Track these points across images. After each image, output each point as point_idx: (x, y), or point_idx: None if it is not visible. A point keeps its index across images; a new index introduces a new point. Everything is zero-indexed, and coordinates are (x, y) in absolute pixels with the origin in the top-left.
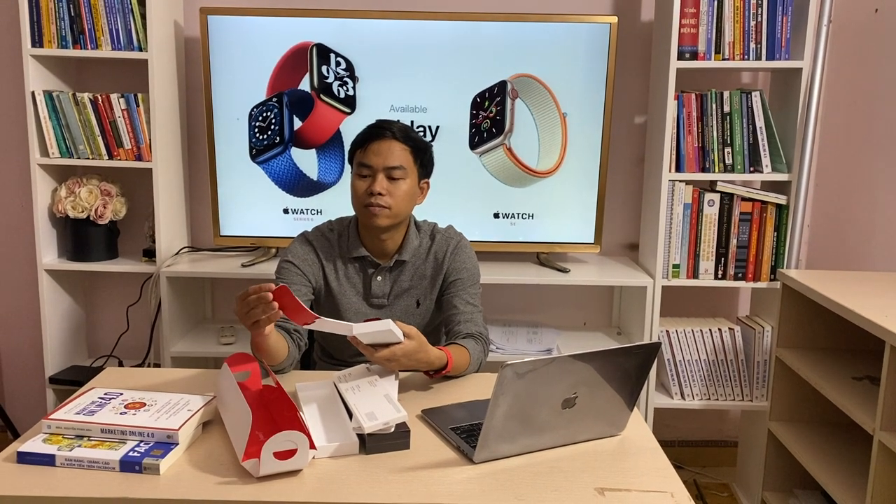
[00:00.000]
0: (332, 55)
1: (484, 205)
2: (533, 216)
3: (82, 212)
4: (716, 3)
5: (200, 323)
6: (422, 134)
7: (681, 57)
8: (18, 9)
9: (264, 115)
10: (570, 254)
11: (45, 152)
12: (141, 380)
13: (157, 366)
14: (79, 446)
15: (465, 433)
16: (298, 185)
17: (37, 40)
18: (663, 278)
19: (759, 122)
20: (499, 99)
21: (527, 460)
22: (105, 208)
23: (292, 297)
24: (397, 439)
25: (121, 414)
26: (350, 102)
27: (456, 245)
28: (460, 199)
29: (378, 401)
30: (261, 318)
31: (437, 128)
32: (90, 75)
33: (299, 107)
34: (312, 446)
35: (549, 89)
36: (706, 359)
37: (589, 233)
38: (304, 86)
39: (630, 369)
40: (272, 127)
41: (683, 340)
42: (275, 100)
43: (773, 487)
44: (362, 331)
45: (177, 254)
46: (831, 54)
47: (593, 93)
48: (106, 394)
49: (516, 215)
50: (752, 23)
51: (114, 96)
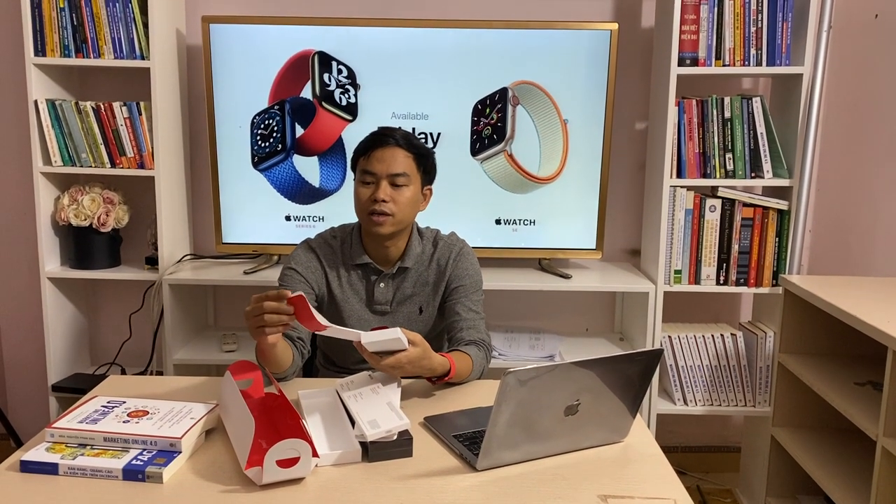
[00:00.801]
0: (334, 63)
1: (485, 211)
2: (534, 222)
3: (85, 220)
4: (716, 9)
5: (203, 330)
6: (423, 141)
7: (681, 63)
8: (21, 18)
9: (266, 122)
10: (572, 260)
11: (47, 160)
12: (144, 388)
13: (160, 373)
14: (82, 455)
15: (468, 441)
16: (300, 192)
17: (40, 49)
18: (665, 284)
19: (760, 128)
20: (500, 106)
21: (529, 468)
22: (107, 216)
23: (307, 305)
24: (400, 447)
25: (124, 422)
26: (352, 110)
27: (458, 252)
28: (462, 205)
29: (380, 408)
30: (270, 325)
31: (439, 135)
32: (93, 84)
33: (301, 114)
34: (315, 454)
35: (550, 96)
36: (709, 364)
37: (590, 239)
38: (306, 93)
39: (632, 376)
40: (274, 134)
41: (686, 346)
42: (277, 107)
43: (776, 493)
44: (371, 339)
45: (179, 261)
46: (832, 60)
47: (594, 99)
48: (109, 402)
49: (518, 221)
50: (753, 29)
51: (116, 105)
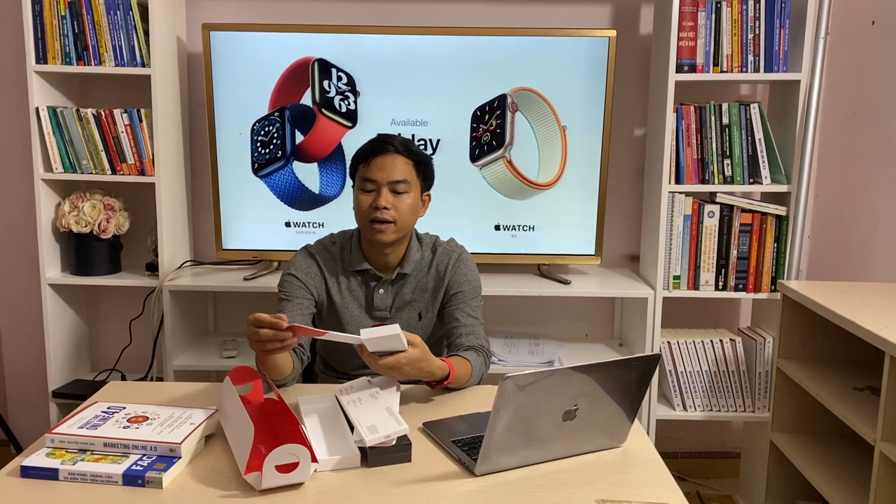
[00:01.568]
0: (334, 70)
1: (485, 217)
2: (533, 228)
3: (85, 226)
4: (714, 16)
5: (203, 336)
6: (423, 147)
7: (679, 70)
8: (23, 25)
9: (266, 129)
10: (571, 265)
11: (48, 167)
12: (144, 394)
13: (160, 379)
14: (82, 460)
15: (467, 446)
16: (300, 198)
17: (41, 57)
18: (664, 290)
19: (758, 134)
20: (499, 112)
21: (528, 473)
22: (108, 223)
23: (302, 328)
24: (399, 452)
25: (124, 428)
26: (351, 116)
27: (457, 258)
28: (461, 211)
29: (379, 414)
30: (272, 350)
31: (438, 141)
32: (94, 91)
33: (301, 121)
34: (314, 459)
35: (548, 102)
36: (708, 370)
37: (589, 244)
38: (306, 100)
39: (630, 381)
40: (274, 141)
41: (685, 352)
42: (277, 114)
43: (775, 499)
44: (371, 335)
45: (179, 268)
46: (829, 66)
47: (593, 106)
48: (109, 408)
49: (517, 227)
50: (750, 35)
51: (117, 112)
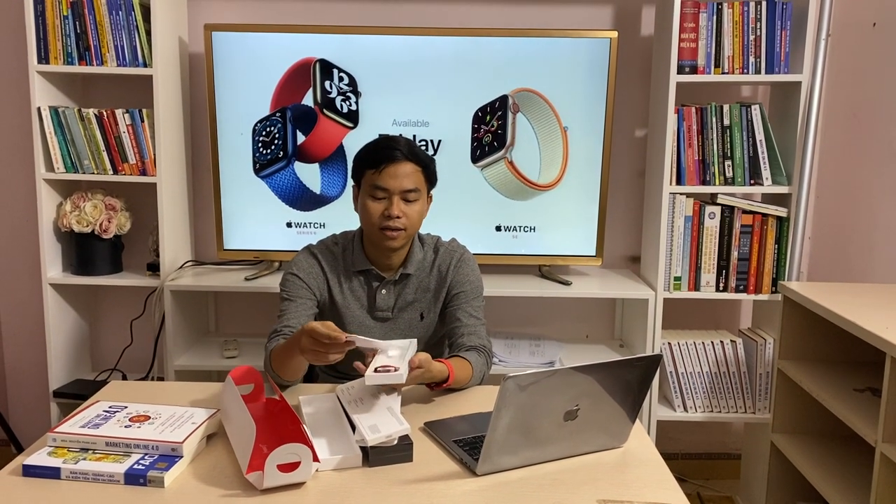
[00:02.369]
0: (335, 70)
1: (486, 218)
2: (534, 229)
3: (87, 226)
4: (715, 17)
5: (204, 336)
6: (424, 148)
7: (680, 71)
8: (25, 26)
9: (268, 129)
10: (572, 266)
11: (50, 167)
12: (145, 393)
13: (161, 379)
14: (84, 459)
15: (468, 446)
16: (301, 198)
17: (43, 57)
18: (665, 291)
19: (759, 135)
20: (500, 113)
21: (529, 473)
22: (109, 223)
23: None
24: (400, 452)
25: (125, 427)
26: (353, 117)
27: (459, 258)
28: (462, 212)
29: (381, 413)
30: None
31: (440, 142)
32: (95, 91)
33: (302, 121)
34: (316, 459)
35: (549, 103)
36: (708, 371)
37: (590, 245)
38: (308, 101)
39: (631, 381)
40: (275, 141)
41: (686, 353)
42: (278, 115)
43: (776, 500)
44: (374, 382)
45: (180, 267)
46: (830, 68)
47: (594, 107)
48: (111, 407)
49: (518, 228)
50: (752, 37)
51: (119, 112)
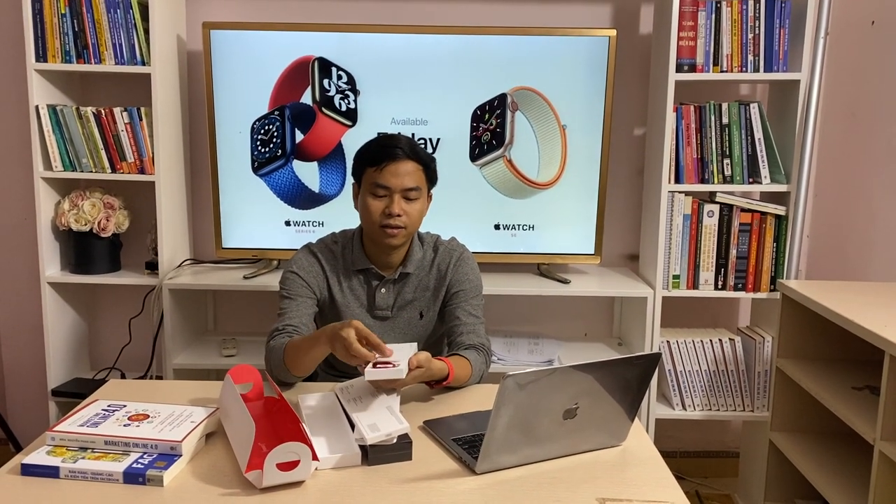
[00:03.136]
0: (334, 68)
1: (484, 216)
2: (533, 227)
3: (85, 224)
4: (713, 16)
5: (202, 335)
6: (423, 146)
7: (679, 69)
8: (23, 24)
9: (266, 128)
10: (571, 265)
11: (48, 166)
12: (143, 392)
13: (160, 378)
14: (82, 458)
15: (467, 444)
16: (300, 197)
17: (41, 55)
18: (663, 289)
19: (758, 134)
20: (499, 111)
21: (528, 471)
22: (108, 221)
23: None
24: (399, 450)
25: (124, 426)
26: (351, 115)
27: (459, 257)
28: (461, 210)
29: (380, 412)
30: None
31: (438, 140)
32: (94, 89)
33: (301, 120)
34: (315, 457)
35: (548, 102)
36: (707, 369)
37: (589, 244)
38: (306, 99)
39: (631, 380)
40: (274, 140)
41: (684, 351)
42: (277, 113)
43: (774, 498)
44: (373, 377)
45: (179, 266)
46: (829, 66)
47: (593, 105)
48: (109, 406)
49: (517, 227)
50: (750, 35)
51: (117, 110)
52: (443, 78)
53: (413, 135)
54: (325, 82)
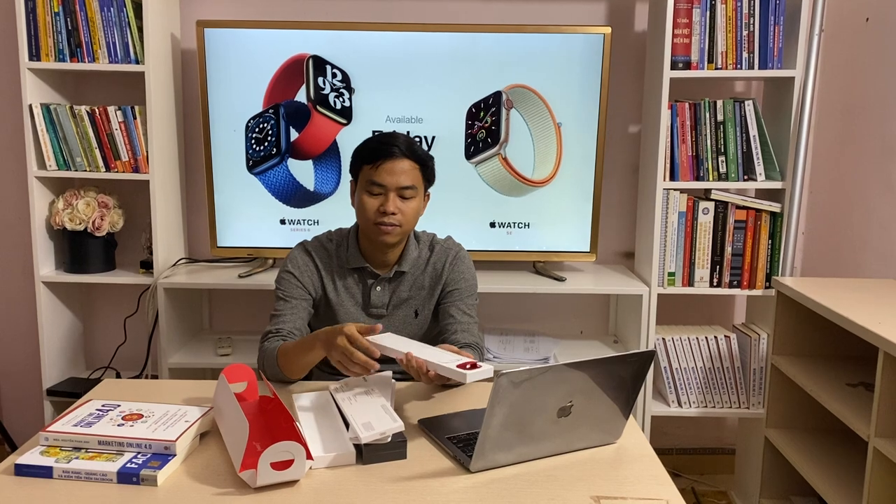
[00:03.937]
0: (329, 66)
1: (480, 214)
2: (529, 225)
3: (80, 224)
4: (708, 13)
5: (198, 334)
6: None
7: (674, 67)
8: (16, 22)
9: (261, 126)
10: (566, 262)
11: (42, 165)
12: (138, 391)
13: (155, 377)
14: (76, 458)
15: (462, 442)
16: (295, 195)
17: (34, 54)
18: (659, 286)
19: (753, 131)
20: (494, 109)
21: (523, 469)
22: (102, 220)
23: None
24: (394, 449)
25: (118, 425)
26: (346, 113)
27: (455, 255)
28: (456, 208)
29: (374, 411)
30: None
31: (433, 138)
32: (87, 88)
33: (296, 118)
34: (309, 457)
35: (543, 99)
36: (702, 366)
37: (585, 241)
38: (301, 97)
39: (625, 377)
40: (269, 138)
41: (680, 348)
42: (271, 111)
43: (770, 494)
44: (381, 342)
45: (174, 265)
46: (823, 63)
47: (588, 102)
48: (103, 405)
49: (512, 224)
50: (745, 32)
51: (111, 109)
52: (438, 76)
53: (408, 133)
54: (320, 80)
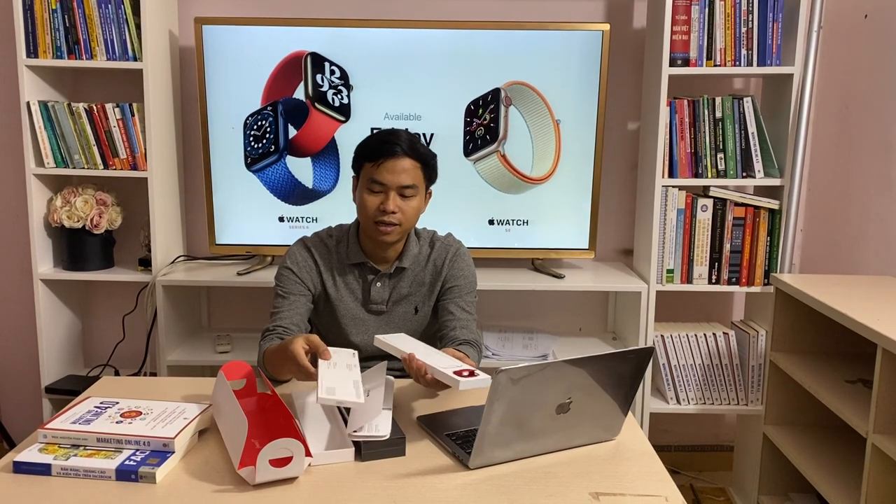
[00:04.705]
0: (327, 64)
1: (479, 211)
2: (527, 222)
3: (78, 221)
4: (707, 10)
5: (196, 331)
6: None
7: (673, 63)
8: (13, 19)
9: (259, 123)
10: (565, 260)
11: (40, 162)
12: (137, 389)
13: (154, 374)
14: (75, 455)
15: (461, 439)
16: (293, 193)
17: (32, 51)
18: (658, 283)
19: (751, 128)
20: (493, 106)
21: (521, 466)
22: (101, 218)
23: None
24: (393, 446)
25: (117, 423)
26: (344, 110)
27: (455, 252)
28: (455, 206)
29: (344, 382)
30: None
31: (432, 135)
32: (85, 85)
33: (294, 115)
34: (308, 454)
35: (542, 96)
36: (701, 363)
37: (583, 239)
38: (299, 94)
39: (624, 374)
40: (267, 135)
41: (678, 345)
42: (269, 108)
43: (768, 491)
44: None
45: (172, 262)
46: (822, 60)
47: (586, 99)
48: (102, 403)
49: (511, 222)
50: (744, 29)
51: (109, 106)
52: (436, 73)
53: (407, 130)
54: (318, 77)
